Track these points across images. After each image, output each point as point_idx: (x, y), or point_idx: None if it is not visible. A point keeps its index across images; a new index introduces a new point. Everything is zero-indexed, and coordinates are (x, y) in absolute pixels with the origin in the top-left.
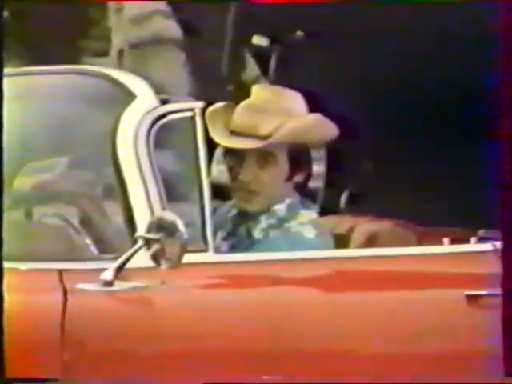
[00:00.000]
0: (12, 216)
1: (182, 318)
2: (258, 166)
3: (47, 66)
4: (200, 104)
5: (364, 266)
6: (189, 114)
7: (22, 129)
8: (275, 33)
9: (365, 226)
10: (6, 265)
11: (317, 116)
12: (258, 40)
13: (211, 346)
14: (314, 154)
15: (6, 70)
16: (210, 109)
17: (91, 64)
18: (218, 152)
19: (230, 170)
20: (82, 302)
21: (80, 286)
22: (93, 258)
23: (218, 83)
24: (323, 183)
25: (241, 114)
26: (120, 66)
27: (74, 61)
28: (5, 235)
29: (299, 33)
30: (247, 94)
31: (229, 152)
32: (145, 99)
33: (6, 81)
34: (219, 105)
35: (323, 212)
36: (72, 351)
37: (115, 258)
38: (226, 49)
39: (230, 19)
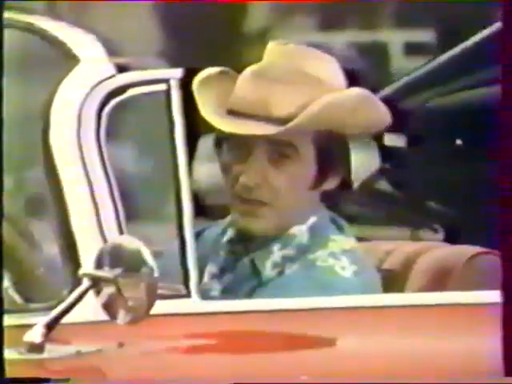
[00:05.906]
0: None
1: None
2: (270, 164)
3: None
4: (177, 72)
5: (429, 319)
6: (160, 87)
7: None
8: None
9: (430, 257)
10: None
11: (363, 92)
12: (392, 140)
13: None
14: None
15: None
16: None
17: (13, 11)
18: (204, 143)
19: (226, 168)
20: None
21: None
22: (13, 310)
23: (204, 42)
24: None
25: (245, 84)
26: (54, 12)
27: None
28: None
29: (458, 141)
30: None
31: (224, 142)
32: (93, 64)
33: None
34: (211, 71)
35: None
36: None
37: (47, 309)
38: None
39: None
